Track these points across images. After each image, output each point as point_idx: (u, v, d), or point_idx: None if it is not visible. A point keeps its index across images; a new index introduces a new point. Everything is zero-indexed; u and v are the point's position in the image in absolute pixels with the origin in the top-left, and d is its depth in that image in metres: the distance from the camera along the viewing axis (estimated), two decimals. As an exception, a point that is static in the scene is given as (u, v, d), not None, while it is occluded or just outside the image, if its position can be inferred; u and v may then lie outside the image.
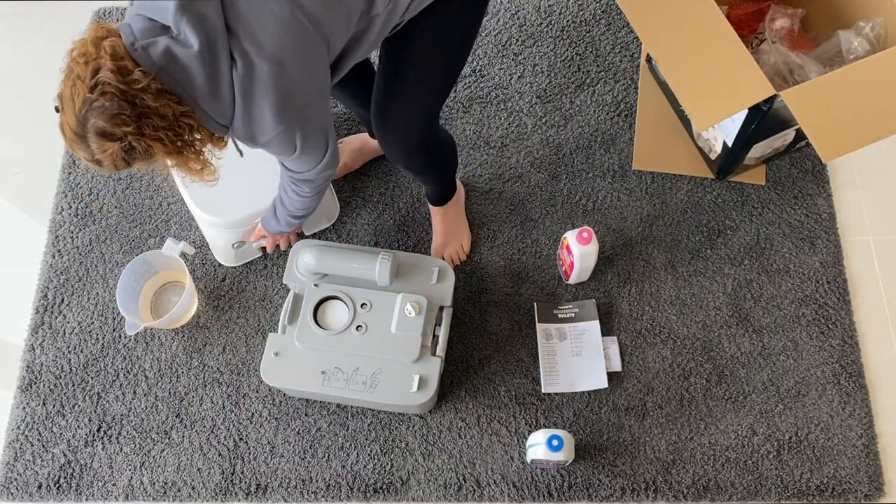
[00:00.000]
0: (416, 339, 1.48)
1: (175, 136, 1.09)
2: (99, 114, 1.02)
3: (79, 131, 1.05)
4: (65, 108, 1.05)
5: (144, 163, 1.11)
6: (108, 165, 1.09)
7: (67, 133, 1.07)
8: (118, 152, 1.06)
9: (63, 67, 1.09)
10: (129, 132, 1.04)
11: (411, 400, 1.47)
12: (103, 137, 1.04)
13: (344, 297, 1.52)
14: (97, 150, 1.06)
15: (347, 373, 1.49)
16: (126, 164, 1.10)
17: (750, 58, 1.45)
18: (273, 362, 1.50)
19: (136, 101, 1.03)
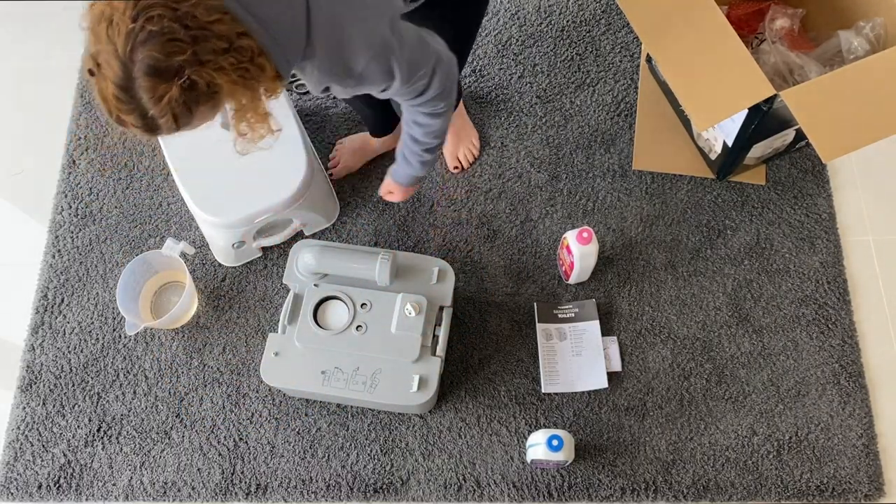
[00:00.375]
0: (416, 339, 1.47)
1: (237, 63, 0.92)
2: (148, 44, 0.85)
3: (124, 81, 0.87)
4: (101, 62, 0.88)
5: (208, 109, 0.94)
6: (166, 122, 0.91)
7: (110, 92, 0.89)
8: (177, 95, 0.88)
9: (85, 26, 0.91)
10: (185, 61, 0.87)
11: (411, 400, 1.47)
12: (157, 77, 0.87)
13: (344, 297, 1.52)
14: (150, 102, 0.88)
15: (347, 373, 1.48)
16: (188, 115, 0.92)
17: (750, 58, 1.45)
18: (273, 362, 1.50)
19: (187, 20, 0.87)
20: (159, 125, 0.92)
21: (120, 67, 0.87)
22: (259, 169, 1.63)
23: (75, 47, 2.03)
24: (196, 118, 0.94)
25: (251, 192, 1.62)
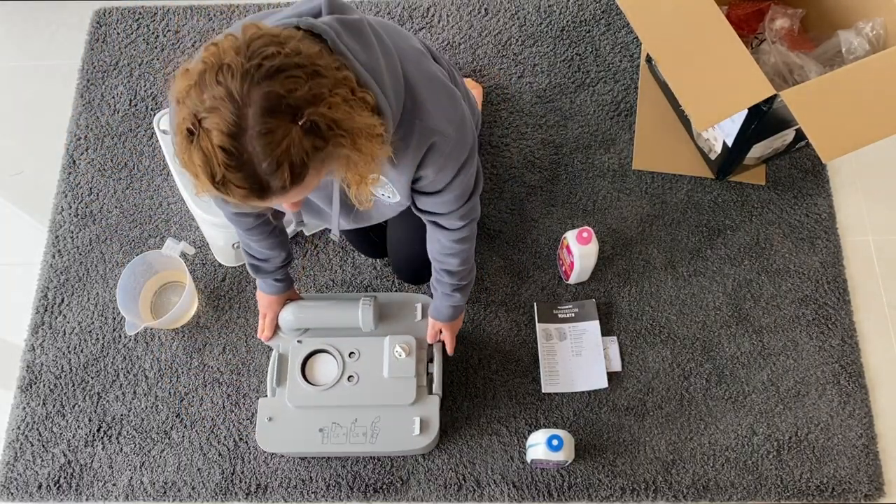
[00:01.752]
0: (410, 381, 1.45)
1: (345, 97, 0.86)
2: (267, 82, 0.79)
3: (237, 128, 0.79)
4: (206, 114, 0.80)
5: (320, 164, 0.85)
6: (279, 177, 0.82)
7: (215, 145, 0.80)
8: (297, 139, 0.81)
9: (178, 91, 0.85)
10: (304, 98, 0.81)
11: (415, 444, 1.45)
12: (276, 117, 0.79)
13: (330, 349, 1.48)
14: (265, 151, 0.80)
15: (346, 426, 1.45)
16: (303, 168, 0.83)
17: (750, 58, 1.45)
18: (268, 428, 1.46)
19: (297, 57, 0.82)
20: (270, 184, 0.83)
21: (233, 111, 0.79)
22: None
23: (75, 47, 2.04)
24: (308, 176, 0.85)
25: (251, 192, 1.62)
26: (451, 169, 1.11)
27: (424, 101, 1.02)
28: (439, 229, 1.29)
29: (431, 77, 1.06)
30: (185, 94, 0.83)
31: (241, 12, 2.05)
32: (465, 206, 1.22)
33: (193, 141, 0.82)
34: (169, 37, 2.03)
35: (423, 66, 1.06)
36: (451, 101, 1.08)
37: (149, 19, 2.05)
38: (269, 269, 1.44)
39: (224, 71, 0.80)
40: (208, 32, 2.03)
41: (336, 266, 1.76)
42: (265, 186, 0.84)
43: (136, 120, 1.93)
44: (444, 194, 1.17)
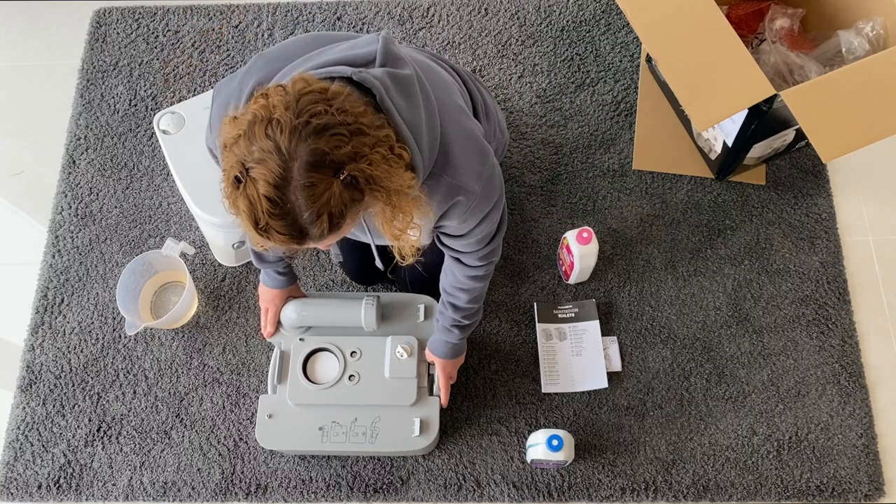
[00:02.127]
0: (411, 382, 1.45)
1: (385, 155, 0.90)
2: (313, 138, 0.84)
3: (282, 179, 0.84)
4: (254, 163, 0.85)
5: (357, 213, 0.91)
6: (318, 226, 0.87)
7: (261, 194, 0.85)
8: (338, 192, 0.86)
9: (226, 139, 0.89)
10: (347, 155, 0.86)
11: (415, 445, 1.45)
12: (319, 172, 0.84)
13: (332, 347, 1.48)
14: (307, 202, 0.85)
15: (345, 426, 1.45)
16: (341, 219, 0.88)
17: (750, 58, 1.45)
18: (268, 425, 1.46)
19: (342, 115, 0.87)
20: (309, 232, 0.88)
21: (280, 164, 0.84)
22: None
23: (75, 47, 2.04)
24: (345, 224, 0.91)
25: (251, 192, 1.62)
26: (474, 220, 1.16)
27: (456, 157, 1.06)
28: (457, 263, 1.31)
29: (467, 135, 1.10)
30: (234, 142, 0.87)
31: (241, 12, 2.05)
32: (486, 248, 1.26)
33: (240, 188, 0.87)
34: (169, 37, 2.03)
35: (461, 123, 1.10)
36: (481, 158, 1.11)
37: (149, 19, 2.05)
38: (271, 259, 1.44)
39: (273, 125, 0.84)
40: (208, 32, 2.03)
41: (336, 266, 1.76)
42: (304, 233, 0.89)
43: (136, 120, 1.93)
44: (466, 238, 1.21)
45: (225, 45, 2.01)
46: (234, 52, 2.00)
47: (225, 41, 2.02)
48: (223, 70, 1.98)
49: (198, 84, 1.97)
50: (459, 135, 1.08)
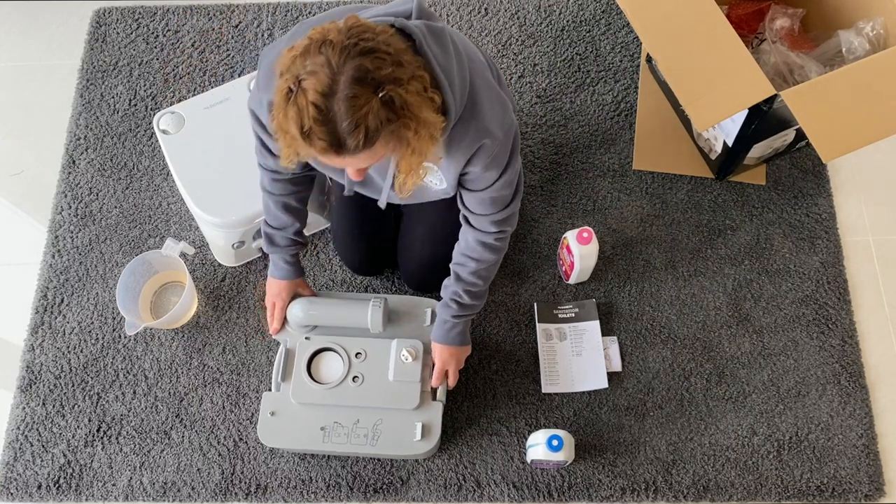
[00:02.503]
0: (415, 386, 1.45)
1: (419, 90, 1.01)
2: (360, 58, 0.95)
3: (329, 88, 0.95)
4: (306, 76, 0.96)
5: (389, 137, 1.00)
6: (355, 137, 0.97)
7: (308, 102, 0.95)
8: (376, 107, 0.96)
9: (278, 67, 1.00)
10: (386, 77, 0.96)
11: (415, 449, 1.45)
12: (361, 86, 0.95)
13: (337, 347, 1.48)
14: (348, 112, 0.95)
15: (348, 427, 1.45)
16: (375, 134, 0.98)
17: (750, 58, 1.45)
18: (270, 423, 1.46)
19: (387, 46, 0.98)
20: (346, 142, 0.98)
21: (328, 76, 0.95)
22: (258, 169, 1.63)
23: (75, 47, 2.04)
24: (378, 145, 1.00)
25: (251, 192, 1.62)
26: (495, 169, 1.24)
27: (483, 105, 1.17)
28: (470, 228, 1.36)
29: (490, 87, 1.20)
30: (290, 63, 0.98)
31: (241, 12, 2.05)
32: (501, 213, 1.32)
33: (291, 98, 0.97)
34: (169, 37, 2.03)
35: (485, 77, 1.21)
36: (503, 109, 1.22)
37: (149, 19, 2.05)
38: (281, 243, 1.46)
39: (326, 45, 0.96)
40: (208, 32, 2.03)
41: (336, 266, 1.76)
42: (342, 143, 0.98)
43: (136, 120, 1.93)
44: (485, 192, 1.28)
45: (225, 45, 2.01)
46: (234, 52, 2.00)
47: (225, 41, 2.02)
48: (223, 70, 1.98)
49: (198, 84, 1.97)
50: (484, 85, 1.18)
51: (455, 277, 1.41)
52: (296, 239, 1.48)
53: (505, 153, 1.24)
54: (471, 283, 1.40)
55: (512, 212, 1.34)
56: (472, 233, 1.36)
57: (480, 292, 1.43)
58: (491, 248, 1.36)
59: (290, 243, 1.47)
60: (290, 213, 1.45)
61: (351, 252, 1.66)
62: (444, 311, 1.44)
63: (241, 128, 1.68)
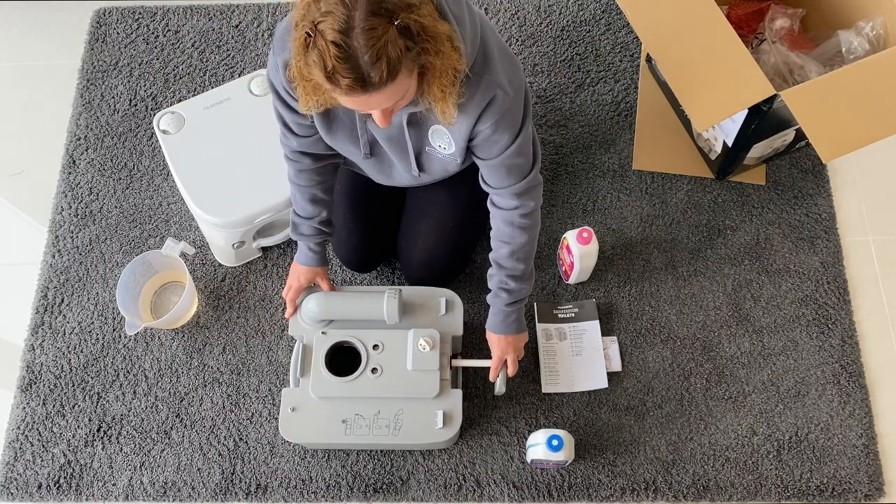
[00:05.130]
0: (434, 374, 1.45)
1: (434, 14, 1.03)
2: None
3: (346, 24, 0.96)
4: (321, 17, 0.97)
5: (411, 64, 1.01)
6: (378, 69, 0.98)
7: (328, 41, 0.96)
8: (394, 36, 0.97)
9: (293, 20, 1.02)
10: (399, 5, 0.98)
11: (438, 437, 1.45)
12: (377, 16, 0.96)
13: (355, 340, 1.48)
14: (368, 44, 0.96)
15: (369, 418, 1.45)
16: (397, 64, 0.99)
17: (750, 58, 1.45)
18: (291, 418, 1.46)
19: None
20: (370, 76, 0.98)
21: (343, 13, 0.96)
22: (259, 169, 1.63)
23: (75, 47, 2.04)
24: (402, 76, 1.01)
25: (251, 192, 1.62)
26: (507, 131, 1.24)
27: (495, 60, 1.18)
28: (496, 209, 1.37)
29: (502, 46, 1.23)
30: (305, 12, 0.99)
31: (241, 12, 2.05)
32: (520, 184, 1.31)
33: (310, 44, 0.99)
34: (169, 37, 2.03)
35: (498, 38, 1.23)
36: (515, 68, 1.23)
37: (149, 19, 2.05)
38: (307, 232, 1.48)
39: None
40: (208, 32, 2.03)
41: (336, 266, 1.76)
42: (366, 78, 0.99)
43: (136, 120, 1.93)
44: (499, 159, 1.28)
45: (225, 45, 2.01)
46: (234, 52, 2.00)
47: (225, 41, 2.02)
48: (223, 70, 1.98)
49: (198, 84, 1.97)
50: (496, 44, 1.21)
51: (496, 266, 1.41)
52: (321, 228, 1.49)
53: (516, 114, 1.24)
54: (511, 267, 1.39)
55: (531, 183, 1.33)
56: (498, 214, 1.36)
57: (525, 274, 1.42)
58: (520, 227, 1.35)
59: (316, 232, 1.48)
60: (317, 204, 1.46)
61: (347, 249, 1.66)
62: (495, 301, 1.44)
63: (241, 128, 1.68)
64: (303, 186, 1.44)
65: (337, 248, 1.68)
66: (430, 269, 1.60)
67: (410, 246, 1.60)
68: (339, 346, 1.49)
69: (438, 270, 1.60)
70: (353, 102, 1.05)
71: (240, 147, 1.66)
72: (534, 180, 1.33)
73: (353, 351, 1.49)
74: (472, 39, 1.14)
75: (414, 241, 1.59)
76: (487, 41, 1.18)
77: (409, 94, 1.09)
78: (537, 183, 1.35)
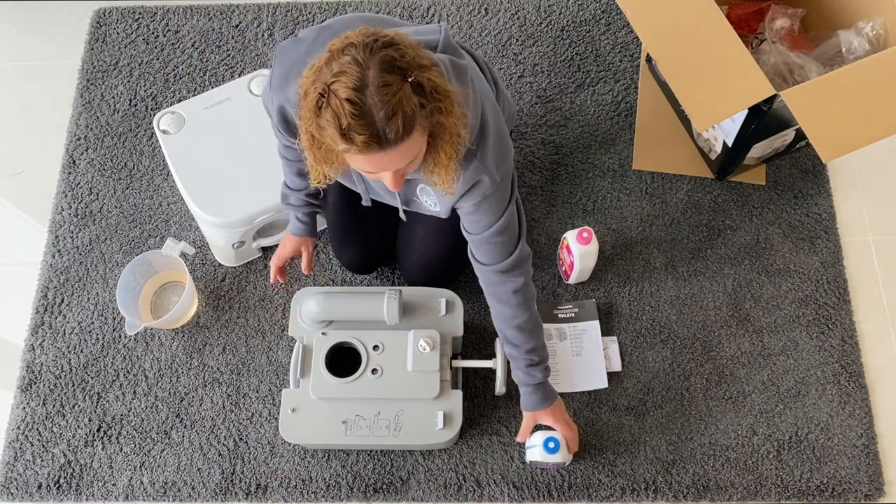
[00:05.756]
0: (434, 375, 1.45)
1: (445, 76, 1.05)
2: (383, 51, 0.98)
3: (360, 83, 0.96)
4: (334, 78, 0.97)
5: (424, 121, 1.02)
6: (393, 126, 0.97)
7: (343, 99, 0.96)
8: (409, 93, 0.98)
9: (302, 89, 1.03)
10: (412, 62, 0.99)
11: (438, 437, 1.45)
12: (390, 73, 0.97)
13: (355, 341, 1.49)
14: (382, 100, 0.96)
15: (369, 419, 1.45)
16: (411, 120, 0.99)
17: (750, 58, 1.45)
18: (291, 419, 1.46)
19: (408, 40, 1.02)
20: (386, 133, 0.98)
21: (357, 71, 0.96)
22: (259, 169, 1.63)
23: (75, 47, 2.04)
24: (416, 133, 1.01)
25: (251, 192, 1.62)
26: (488, 212, 1.26)
27: (489, 146, 1.19)
28: (488, 287, 1.38)
29: (500, 130, 1.23)
30: (315, 77, 1.00)
31: (241, 12, 2.05)
32: (506, 262, 1.32)
33: (323, 105, 0.98)
34: (169, 37, 2.03)
35: (497, 121, 1.23)
36: (506, 154, 1.24)
37: (149, 19, 2.05)
38: (294, 202, 1.48)
39: (349, 47, 0.99)
40: (208, 32, 2.03)
41: (336, 266, 1.76)
42: (382, 135, 0.98)
43: (136, 120, 1.93)
44: (483, 236, 1.29)
45: (225, 45, 2.01)
46: (234, 52, 2.00)
47: (225, 41, 2.02)
48: (223, 70, 1.98)
49: (198, 84, 1.97)
50: (494, 128, 1.21)
51: (512, 347, 1.39)
52: (309, 200, 1.49)
53: (501, 198, 1.25)
54: (522, 343, 1.37)
55: (517, 259, 1.33)
56: (493, 294, 1.37)
57: (537, 347, 1.39)
58: (515, 305, 1.35)
59: (303, 203, 1.49)
60: (304, 177, 1.44)
61: (346, 251, 1.66)
62: (530, 378, 1.40)
63: (241, 128, 1.68)
64: (291, 161, 1.43)
65: (337, 251, 1.68)
66: (429, 272, 1.60)
67: (409, 249, 1.61)
68: (340, 346, 1.49)
69: (437, 272, 1.60)
70: (368, 162, 1.04)
71: (240, 147, 1.66)
72: (520, 255, 1.33)
73: (354, 352, 1.49)
74: (472, 127, 1.14)
75: (412, 244, 1.59)
76: (486, 127, 1.19)
77: (420, 155, 1.08)
78: (524, 257, 1.35)
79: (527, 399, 1.42)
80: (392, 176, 1.09)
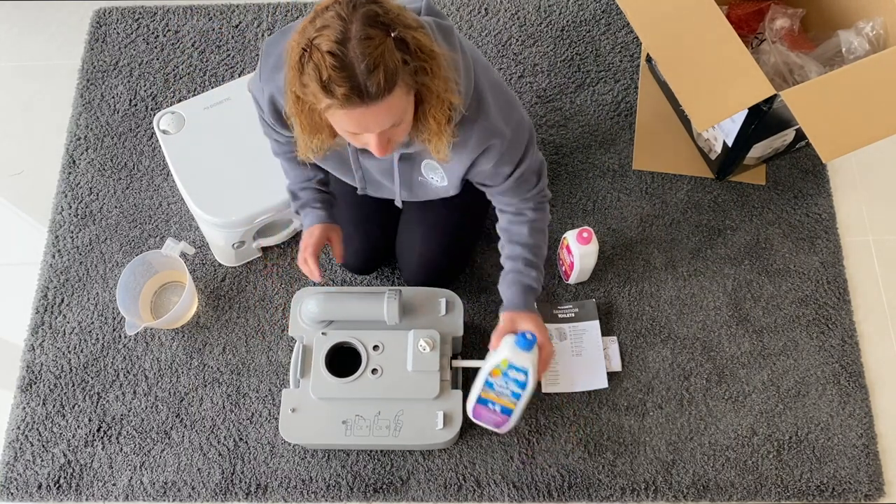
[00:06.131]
0: (434, 375, 1.45)
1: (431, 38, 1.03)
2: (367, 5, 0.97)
3: (343, 36, 0.95)
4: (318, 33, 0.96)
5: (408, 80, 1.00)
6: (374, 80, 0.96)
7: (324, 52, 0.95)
8: (391, 48, 0.96)
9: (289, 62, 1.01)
10: (394, 20, 0.98)
11: (438, 438, 1.45)
12: (373, 27, 0.96)
13: (355, 341, 1.49)
14: (363, 52, 0.95)
15: (369, 419, 1.45)
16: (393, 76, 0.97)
17: (750, 58, 1.45)
18: (291, 419, 1.46)
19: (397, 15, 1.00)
20: (367, 86, 0.96)
21: (340, 25, 0.95)
22: (259, 169, 1.63)
23: (75, 47, 2.04)
24: (399, 91, 0.99)
25: (251, 192, 1.62)
26: (508, 165, 1.25)
27: (488, 104, 1.17)
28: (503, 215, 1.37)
29: (496, 84, 1.22)
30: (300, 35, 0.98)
31: (241, 12, 2.05)
32: (529, 193, 1.32)
33: (305, 59, 0.97)
34: (169, 37, 2.03)
35: (491, 75, 1.22)
36: (510, 105, 1.23)
37: (149, 19, 2.05)
38: (305, 197, 1.43)
39: (334, 4, 0.97)
40: (208, 32, 2.03)
41: (336, 266, 1.76)
42: (363, 87, 0.96)
43: (136, 120, 1.93)
44: (504, 185, 1.28)
45: (225, 45, 2.01)
46: (234, 52, 2.00)
47: (225, 41, 2.02)
48: (223, 70, 1.98)
49: (198, 84, 1.97)
50: (490, 83, 1.19)
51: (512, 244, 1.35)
52: (320, 188, 1.44)
53: (516, 149, 1.24)
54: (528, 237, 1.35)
55: (539, 189, 1.34)
56: (508, 219, 1.37)
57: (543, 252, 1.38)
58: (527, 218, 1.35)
59: (316, 193, 1.43)
60: (305, 166, 1.40)
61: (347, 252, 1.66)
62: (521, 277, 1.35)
63: (241, 128, 1.68)
64: (285, 154, 1.41)
65: None
66: (429, 272, 1.60)
67: (409, 249, 1.60)
68: (340, 346, 1.49)
69: (437, 272, 1.60)
70: (350, 120, 1.02)
71: (240, 147, 1.66)
72: (541, 187, 1.34)
73: (354, 352, 1.49)
74: (465, 87, 1.13)
75: (412, 244, 1.59)
76: (481, 87, 1.17)
77: (406, 119, 1.06)
78: (544, 187, 1.35)
79: (512, 298, 1.34)
80: (377, 139, 1.06)
